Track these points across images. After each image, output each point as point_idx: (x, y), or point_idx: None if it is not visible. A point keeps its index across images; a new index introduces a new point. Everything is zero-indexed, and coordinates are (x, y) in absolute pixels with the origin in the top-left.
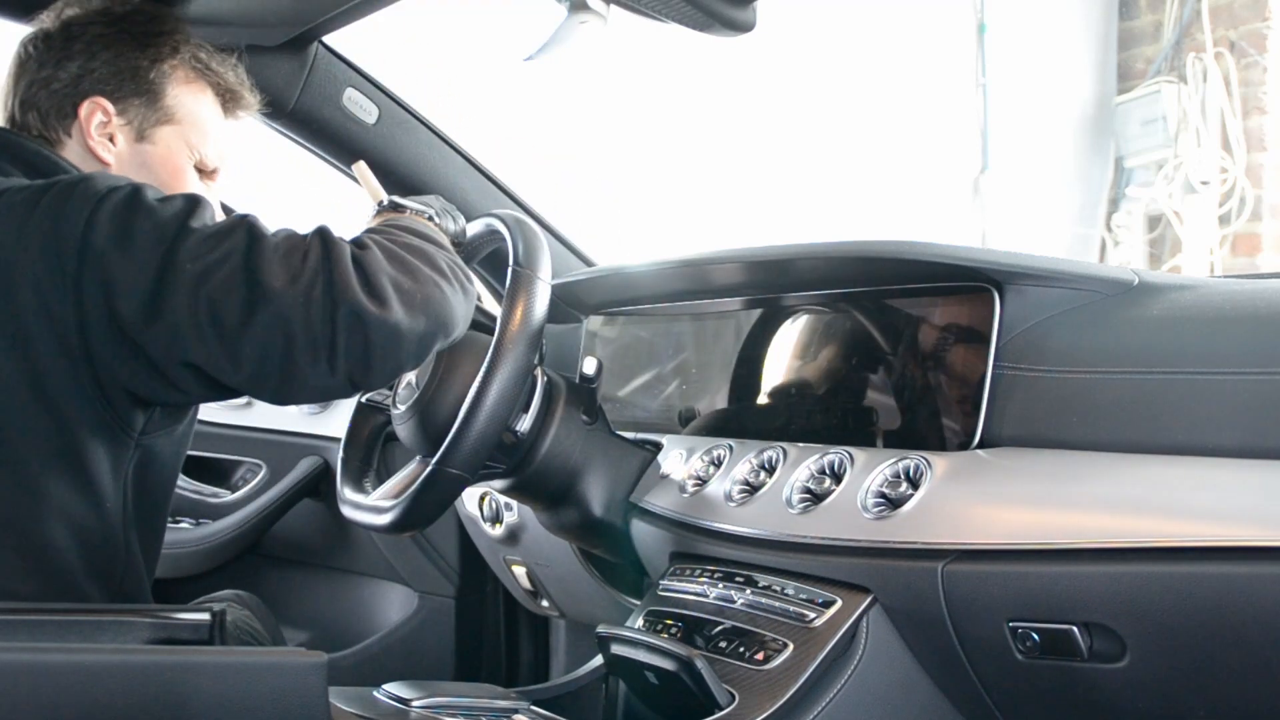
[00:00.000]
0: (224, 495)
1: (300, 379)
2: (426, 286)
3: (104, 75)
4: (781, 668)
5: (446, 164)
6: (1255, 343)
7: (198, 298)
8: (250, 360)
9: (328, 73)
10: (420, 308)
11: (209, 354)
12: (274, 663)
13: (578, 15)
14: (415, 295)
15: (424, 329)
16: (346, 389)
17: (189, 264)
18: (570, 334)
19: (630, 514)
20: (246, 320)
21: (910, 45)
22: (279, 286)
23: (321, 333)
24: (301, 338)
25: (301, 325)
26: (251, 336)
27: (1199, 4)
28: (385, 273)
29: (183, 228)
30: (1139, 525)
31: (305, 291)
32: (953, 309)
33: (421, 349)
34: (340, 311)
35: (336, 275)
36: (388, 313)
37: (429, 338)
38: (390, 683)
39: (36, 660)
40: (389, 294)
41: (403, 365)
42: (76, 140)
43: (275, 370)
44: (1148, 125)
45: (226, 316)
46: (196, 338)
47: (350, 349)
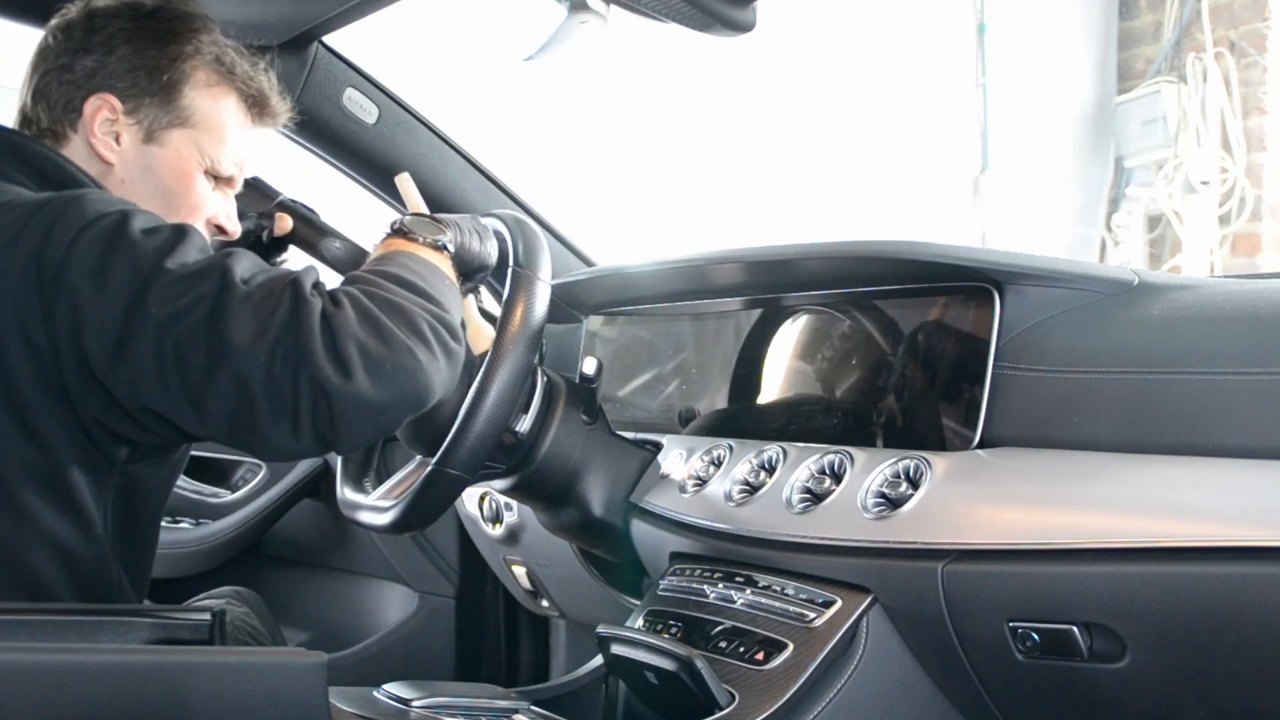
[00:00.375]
0: (224, 495)
1: (264, 439)
2: (398, 354)
3: (118, 71)
4: (781, 668)
5: (446, 164)
6: (1255, 343)
7: (163, 345)
8: (214, 415)
9: (328, 73)
10: (389, 377)
11: (173, 403)
12: (274, 663)
13: (578, 15)
14: (384, 364)
15: (391, 399)
16: (317, 451)
17: (156, 308)
18: (570, 334)
19: (630, 514)
20: (209, 375)
21: (910, 45)
22: (241, 344)
23: (283, 396)
24: (263, 399)
25: (262, 387)
26: (214, 391)
27: (1199, 4)
28: (353, 337)
29: (157, 268)
30: (1139, 525)
31: (268, 352)
32: (953, 309)
33: (390, 420)
34: (301, 378)
35: (301, 338)
36: (351, 384)
37: (398, 408)
38: (390, 683)
39: (36, 660)
40: (354, 362)
41: (371, 436)
42: (82, 137)
43: (239, 427)
44: (1148, 125)
45: (190, 367)
46: (160, 386)
47: (314, 416)
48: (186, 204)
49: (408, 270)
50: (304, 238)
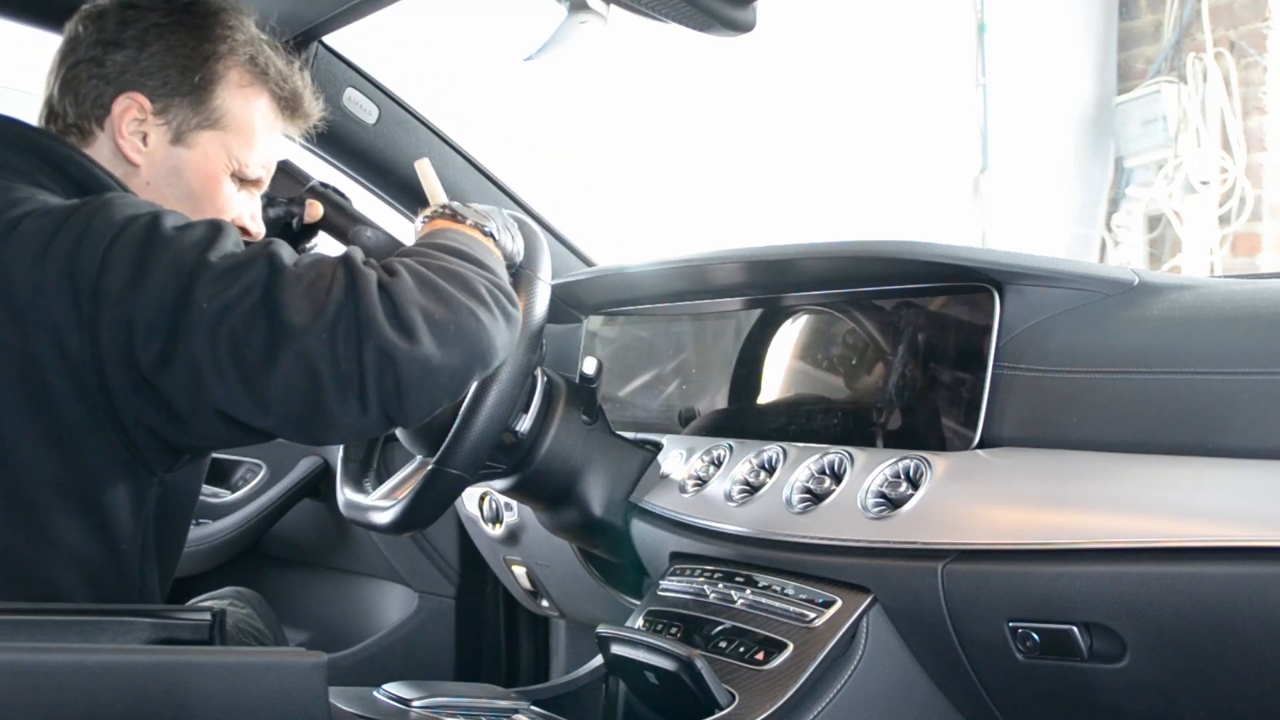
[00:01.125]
0: (224, 495)
1: (331, 420)
2: (461, 315)
3: (150, 68)
4: (781, 668)
5: (446, 164)
6: (1255, 343)
7: (217, 337)
8: (278, 402)
9: (328, 73)
10: (454, 339)
11: (233, 397)
12: (274, 663)
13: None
14: (449, 326)
15: (458, 362)
16: (384, 427)
17: (206, 301)
18: (570, 334)
19: (630, 514)
20: (270, 360)
21: (910, 45)
22: (301, 323)
23: (349, 371)
24: (329, 377)
25: (328, 364)
26: (276, 377)
27: (1199, 4)
28: (415, 303)
29: (200, 262)
30: (1139, 525)
31: (329, 327)
32: (953, 309)
33: (458, 383)
34: (367, 348)
35: (362, 309)
36: (417, 347)
37: (465, 371)
38: (390, 683)
39: (36, 660)
40: (419, 326)
41: (439, 401)
42: (108, 136)
43: (304, 412)
44: (1148, 125)
45: (249, 356)
46: (218, 380)
47: (381, 387)
48: (212, 207)
49: (458, 242)
50: (335, 225)
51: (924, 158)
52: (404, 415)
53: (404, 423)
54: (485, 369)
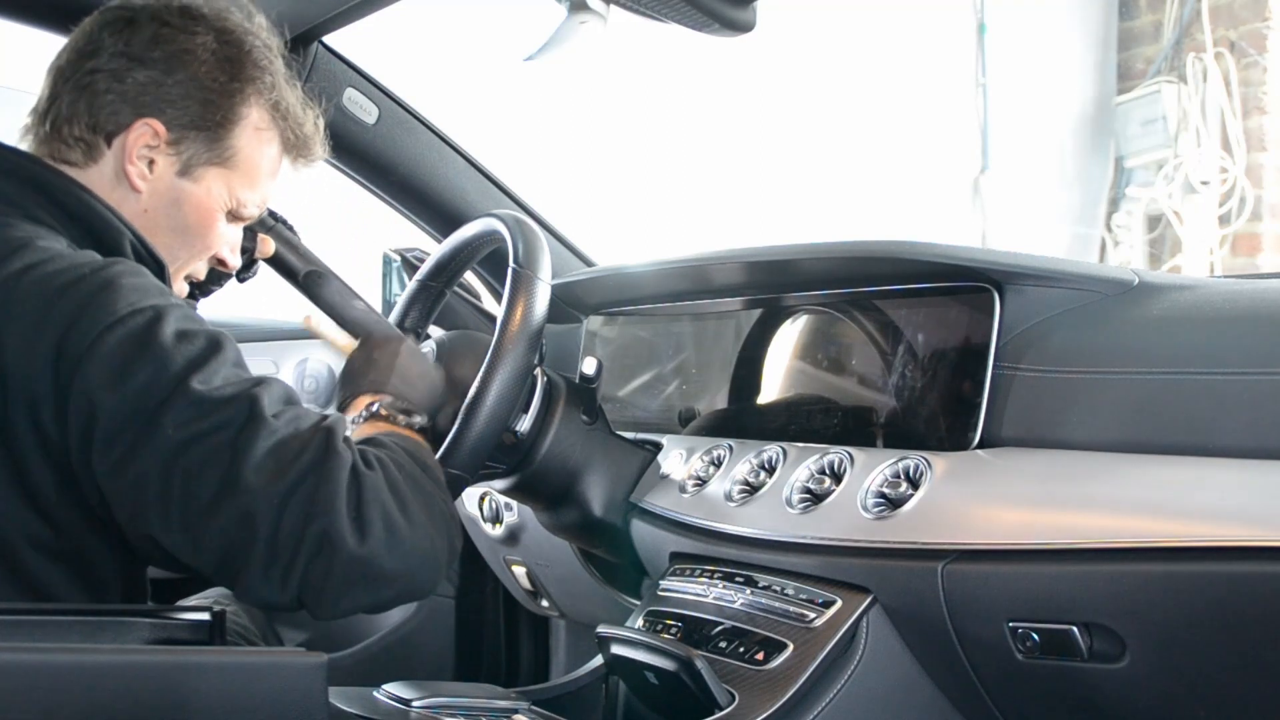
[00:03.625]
0: None
1: (245, 585)
2: (418, 534)
3: (172, 96)
4: (781, 668)
5: (446, 164)
6: (1255, 343)
7: (171, 470)
8: (208, 550)
9: (328, 73)
10: (404, 554)
11: (167, 530)
12: (274, 663)
13: (578, 15)
14: (405, 540)
15: (397, 574)
16: (290, 608)
17: (173, 429)
18: (570, 334)
19: (630, 514)
20: (214, 508)
21: (910, 45)
22: (256, 483)
23: (285, 546)
24: (263, 544)
25: (268, 531)
26: (214, 527)
27: (1199, 4)
28: (380, 504)
29: (182, 385)
30: (1139, 525)
31: (284, 495)
32: (953, 309)
33: (387, 595)
34: (312, 528)
35: (324, 488)
36: (365, 547)
37: (400, 585)
38: (390, 683)
39: (36, 660)
40: (374, 527)
41: (358, 606)
42: (114, 156)
43: (228, 566)
44: (1148, 125)
45: (196, 496)
46: (159, 512)
47: (309, 572)
48: (202, 244)
49: (415, 451)
50: (286, 264)
51: (924, 158)
52: (318, 606)
53: (313, 613)
54: (417, 592)
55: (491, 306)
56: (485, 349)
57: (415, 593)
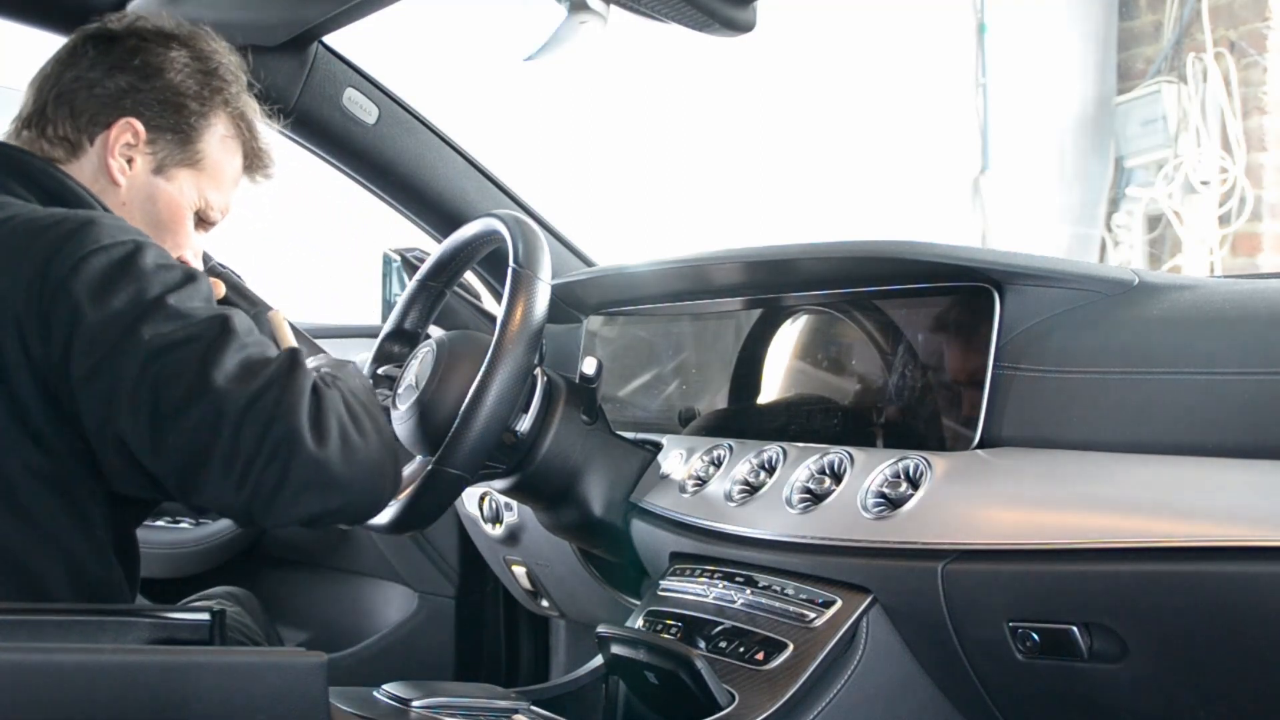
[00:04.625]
0: None
1: (204, 486)
2: (371, 450)
3: (149, 100)
4: (781, 668)
5: (446, 164)
6: (1255, 343)
7: (145, 370)
8: (172, 450)
9: (328, 73)
10: (358, 463)
11: (135, 429)
12: (274, 663)
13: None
14: (358, 450)
15: (350, 481)
16: (241, 516)
17: (150, 335)
18: (570, 334)
19: (630, 514)
20: (183, 408)
21: (910, 45)
22: (224, 385)
23: (245, 447)
24: (225, 444)
25: (231, 431)
26: (182, 426)
27: (1199, 4)
28: (337, 415)
29: (160, 300)
30: (1139, 525)
31: (250, 399)
32: (953, 309)
33: (335, 505)
34: (272, 432)
35: (287, 396)
36: (322, 450)
37: (351, 494)
38: (390, 683)
39: (36, 660)
40: (331, 434)
41: (309, 513)
42: (96, 153)
43: (187, 468)
44: (1148, 125)
45: (165, 398)
46: (130, 410)
47: (264, 476)
48: (173, 239)
49: (371, 393)
50: (233, 304)
51: (924, 158)
52: (268, 511)
53: (261, 519)
54: (365, 507)
55: (491, 306)
56: (485, 349)
57: (362, 507)
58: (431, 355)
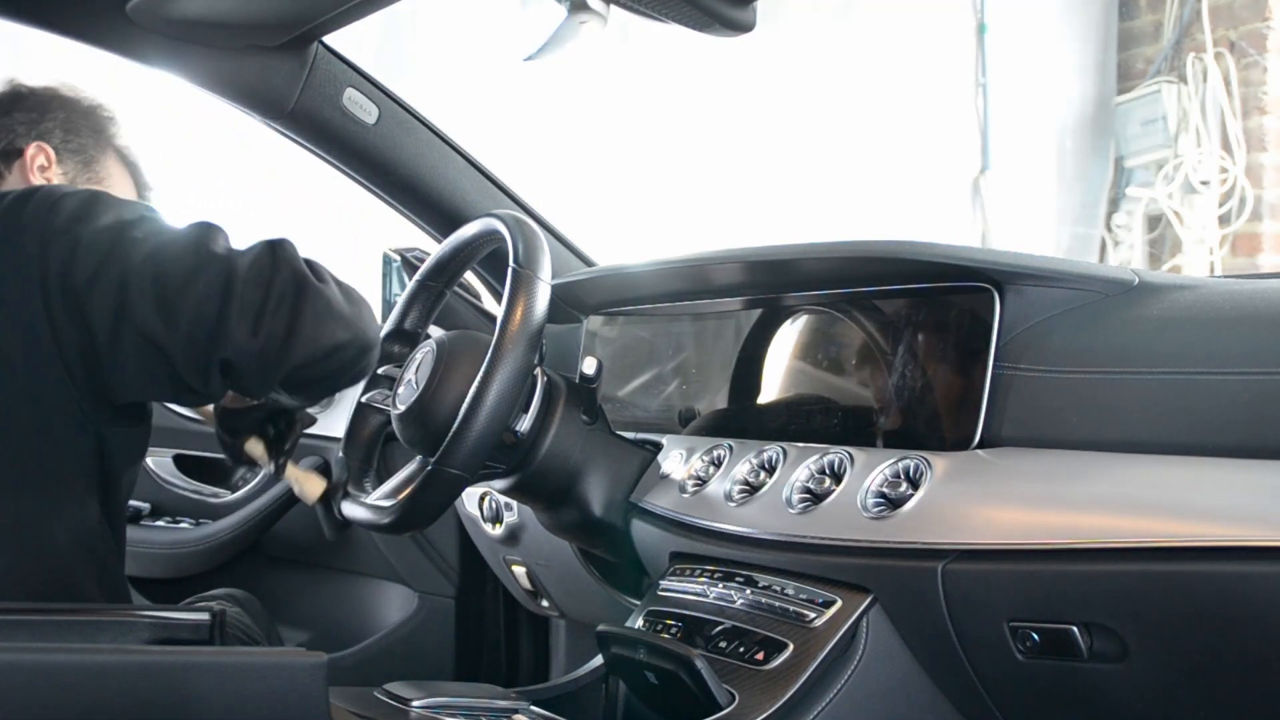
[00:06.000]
0: (224, 495)
1: (221, 340)
2: (357, 306)
3: (50, 129)
4: (781, 668)
5: (446, 164)
6: (1255, 343)
7: (147, 261)
8: (187, 319)
9: (328, 73)
10: (357, 302)
11: (146, 310)
12: (274, 663)
13: (578, 15)
14: (353, 292)
15: (351, 319)
16: (258, 360)
17: (143, 237)
18: (570, 334)
19: (630, 514)
20: (191, 279)
21: (910, 45)
22: (224, 253)
23: (256, 291)
24: (236, 298)
25: (240, 286)
26: (192, 295)
27: (1199, 4)
28: (330, 274)
29: (140, 216)
30: (1139, 525)
31: (252, 258)
32: (953, 309)
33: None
34: (280, 274)
35: (283, 250)
36: (326, 287)
37: (355, 330)
38: (390, 683)
39: (36, 660)
40: (328, 279)
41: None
42: (16, 174)
43: (208, 328)
44: (1148, 125)
45: (171, 275)
46: (139, 293)
47: (278, 313)
48: None
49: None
50: None
51: (924, 158)
52: (285, 352)
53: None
54: (373, 339)
55: (491, 306)
56: (485, 349)
57: (365, 341)
58: (431, 355)
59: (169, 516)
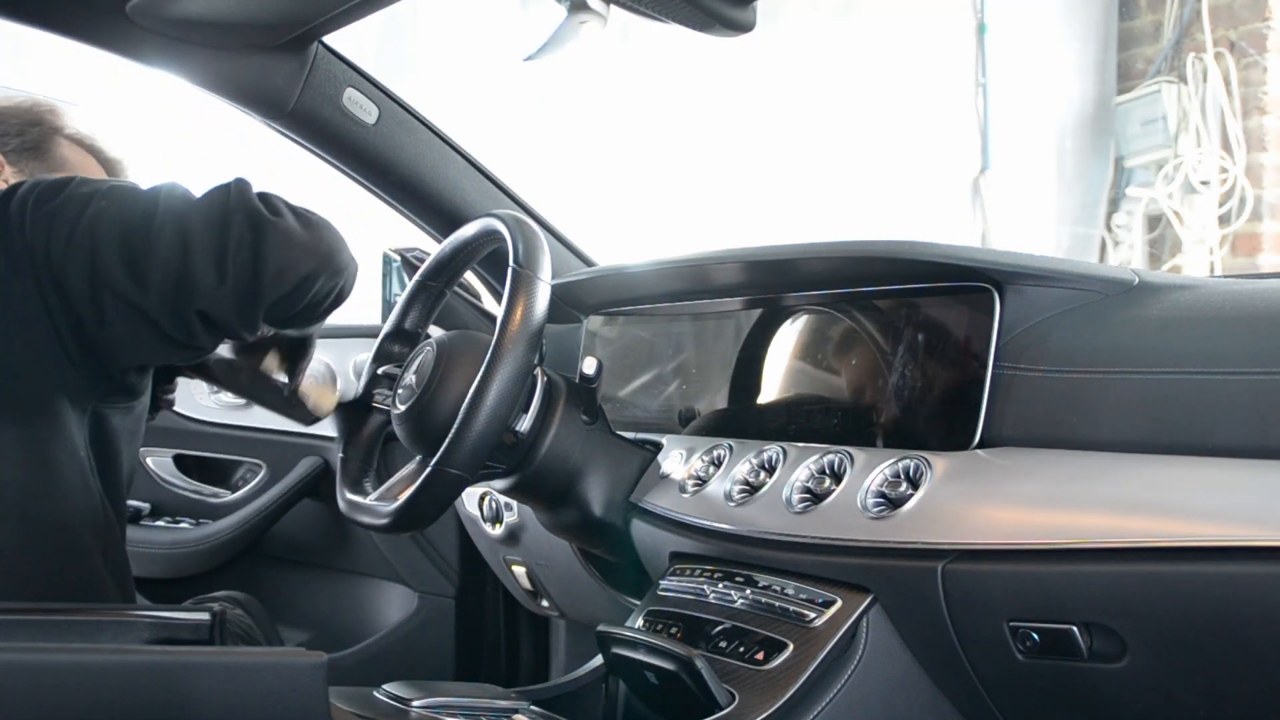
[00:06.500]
0: (224, 495)
1: (195, 295)
2: (319, 231)
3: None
4: (781, 668)
5: (446, 164)
6: (1255, 343)
7: (112, 225)
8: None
9: (328, 73)
10: (317, 226)
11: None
12: (274, 663)
13: (578, 15)
14: (312, 217)
15: (312, 244)
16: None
17: (108, 204)
18: (570, 334)
19: (630, 514)
20: (153, 236)
21: (910, 45)
22: (181, 205)
23: (218, 237)
24: (197, 251)
25: (198, 239)
26: (156, 250)
27: (1199, 4)
28: (283, 203)
29: (112, 187)
30: (1139, 525)
31: (207, 203)
32: (953, 309)
33: (311, 265)
34: (235, 220)
35: (234, 191)
36: (281, 220)
37: (320, 253)
38: (390, 683)
39: (36, 660)
40: (283, 211)
41: (286, 280)
42: None
43: (178, 285)
44: (1148, 125)
45: (134, 236)
46: (108, 259)
47: (239, 259)
48: None
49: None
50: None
51: (924, 158)
52: (255, 294)
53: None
54: (344, 260)
55: (491, 306)
56: (485, 349)
57: (334, 264)
58: (431, 355)
59: (169, 516)
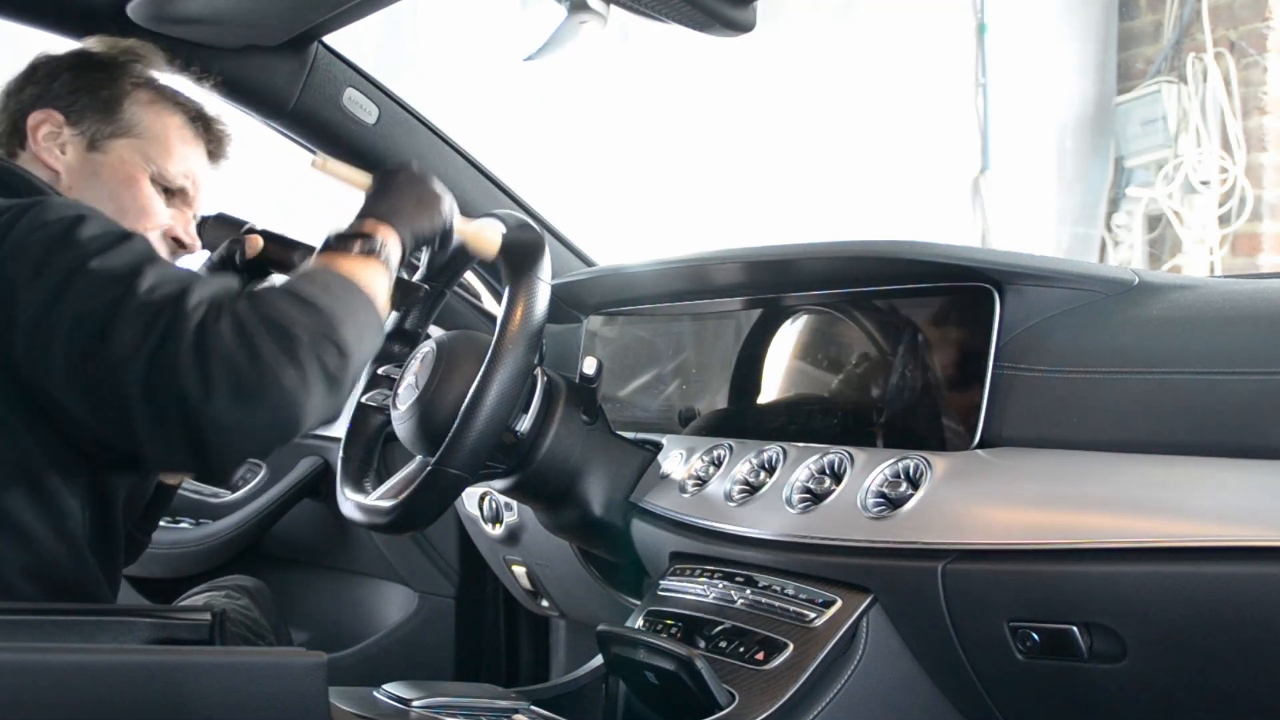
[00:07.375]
0: (224, 495)
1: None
2: (265, 377)
3: (60, 93)
4: (781, 668)
5: (446, 164)
6: (1255, 343)
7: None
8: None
9: (328, 73)
10: (253, 399)
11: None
12: (274, 663)
13: (578, 15)
14: (249, 385)
15: (253, 424)
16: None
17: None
18: (570, 334)
19: (630, 514)
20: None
21: (910, 45)
22: (121, 354)
23: (160, 408)
24: (140, 408)
25: (140, 396)
26: (103, 395)
27: (1199, 4)
28: (223, 356)
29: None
30: (1139, 525)
31: (146, 363)
32: (953, 309)
33: (253, 444)
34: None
35: (171, 352)
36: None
37: (265, 431)
38: (390, 683)
39: (36, 660)
40: (217, 382)
41: (234, 458)
42: (29, 151)
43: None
44: (1148, 125)
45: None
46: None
47: (186, 430)
48: (134, 207)
49: (314, 285)
50: (277, 257)
51: (924, 158)
52: (205, 460)
53: (208, 469)
54: (286, 433)
55: (491, 306)
56: (485, 349)
57: (282, 431)
58: (431, 355)
59: (169, 516)
